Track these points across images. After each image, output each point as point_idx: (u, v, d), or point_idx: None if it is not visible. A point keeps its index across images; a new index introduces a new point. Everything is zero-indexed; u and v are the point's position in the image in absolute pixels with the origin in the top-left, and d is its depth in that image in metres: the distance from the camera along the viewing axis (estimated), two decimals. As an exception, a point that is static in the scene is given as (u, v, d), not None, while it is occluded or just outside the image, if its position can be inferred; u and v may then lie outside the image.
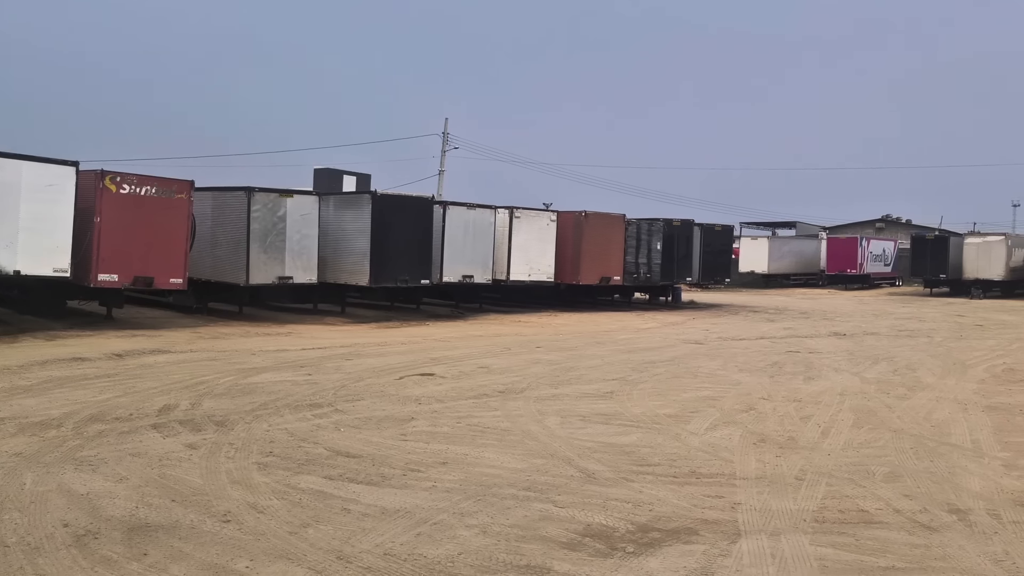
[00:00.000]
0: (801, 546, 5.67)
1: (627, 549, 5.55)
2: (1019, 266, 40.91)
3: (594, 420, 9.54)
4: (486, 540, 5.61)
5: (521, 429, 8.94)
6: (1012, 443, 8.89)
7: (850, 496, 6.86)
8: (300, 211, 20.19)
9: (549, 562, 5.27)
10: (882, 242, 53.05)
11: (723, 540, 5.76)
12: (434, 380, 12.04)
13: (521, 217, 25.05)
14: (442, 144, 42.57)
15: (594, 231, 26.64)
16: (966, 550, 5.68)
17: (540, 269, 25.57)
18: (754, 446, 8.50)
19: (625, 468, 7.55)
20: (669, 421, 9.57)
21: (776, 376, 13.24)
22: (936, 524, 6.22)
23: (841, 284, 48.03)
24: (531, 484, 6.94)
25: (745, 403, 10.83)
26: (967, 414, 10.40)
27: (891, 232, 62.78)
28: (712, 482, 7.21)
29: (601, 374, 13.06)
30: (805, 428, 9.41)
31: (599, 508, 6.37)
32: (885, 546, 5.72)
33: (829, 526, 6.13)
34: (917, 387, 12.45)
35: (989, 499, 6.88)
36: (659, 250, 28.54)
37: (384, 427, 8.85)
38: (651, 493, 6.81)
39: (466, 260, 23.38)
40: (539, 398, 10.79)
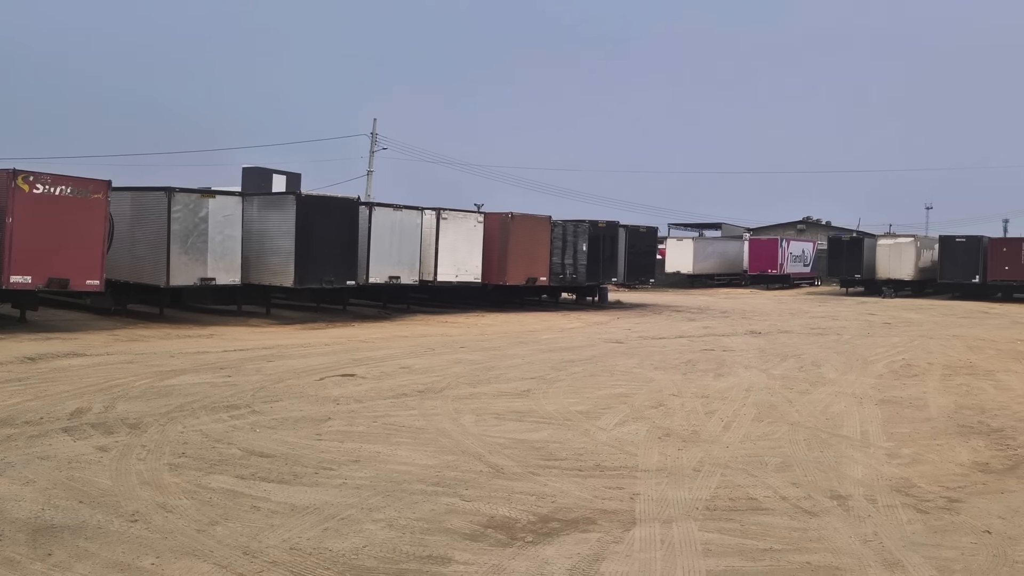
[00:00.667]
0: (690, 532, 6.04)
1: (527, 539, 5.83)
2: (928, 267, 42.79)
3: (508, 418, 9.82)
4: (391, 533, 5.83)
5: (436, 427, 9.16)
6: (897, 434, 9.49)
7: (742, 485, 7.28)
8: (223, 212, 19.99)
9: (451, 552, 5.52)
10: (802, 243, 54.83)
11: (618, 528, 6.09)
12: (354, 381, 12.16)
13: (448, 218, 25.24)
14: (371, 144, 42.43)
15: (521, 232, 26.99)
16: (840, 532, 6.12)
17: (467, 270, 25.79)
18: (659, 440, 8.90)
19: (533, 463, 7.84)
20: (580, 418, 9.92)
21: (689, 374, 13.74)
22: (817, 509, 6.67)
23: (763, 284, 49.49)
24: (440, 479, 7.17)
25: (656, 400, 11.26)
26: (861, 407, 11.02)
27: (811, 233, 64.92)
28: (615, 475, 7.55)
29: (520, 373, 13.36)
30: (709, 423, 9.86)
31: (504, 501, 6.64)
32: (767, 530, 6.14)
33: (719, 513, 6.53)
34: (819, 382, 13.10)
35: (869, 486, 7.39)
36: (585, 251, 29.06)
37: (300, 427, 8.96)
38: (555, 486, 7.12)
39: (393, 261, 23.45)
40: (457, 397, 11.03)
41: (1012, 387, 13.10)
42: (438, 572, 5.18)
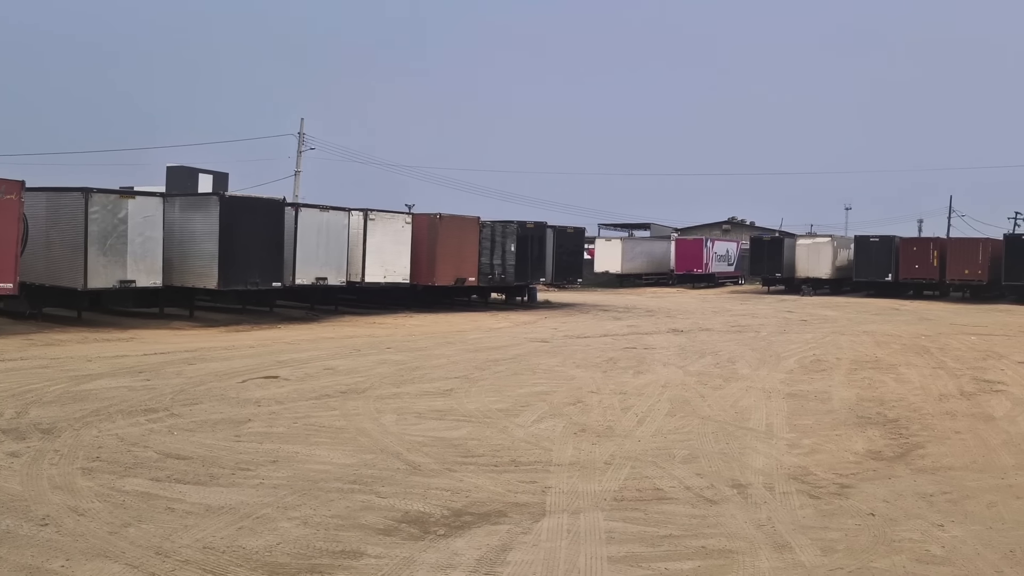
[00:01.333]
0: (596, 522, 6.32)
1: (439, 532, 6.02)
2: (844, 265, 44.40)
3: (429, 416, 10.00)
4: (306, 530, 5.95)
5: (356, 427, 9.28)
6: (800, 425, 9.99)
7: (649, 477, 7.61)
8: (143, 213, 19.62)
9: (364, 547, 5.68)
10: (726, 243, 56.25)
11: (528, 520, 6.34)
12: (277, 383, 12.16)
13: (376, 219, 25.23)
14: (298, 144, 41.98)
15: (449, 233, 27.14)
16: (737, 518, 6.49)
17: (396, 271, 25.81)
18: (574, 436, 9.19)
19: (451, 460, 8.04)
20: (500, 415, 10.15)
21: (609, 371, 14.12)
22: (718, 498, 7.04)
23: (689, 283, 50.63)
24: (357, 477, 7.32)
25: (575, 397, 11.57)
26: (769, 401, 11.53)
27: (737, 233, 66.61)
28: (529, 469, 7.80)
29: (445, 373, 13.54)
30: (624, 418, 10.21)
31: (419, 497, 6.83)
32: (669, 518, 6.46)
33: (626, 503, 6.83)
34: (733, 378, 13.61)
35: (768, 474, 7.80)
36: (513, 251, 29.36)
37: (219, 429, 8.98)
38: (471, 481, 7.33)
39: (320, 262, 23.34)
40: (379, 397, 11.15)
41: (911, 380, 13.83)
42: (350, 566, 5.34)
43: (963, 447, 9.10)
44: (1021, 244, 38.43)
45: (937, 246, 41.56)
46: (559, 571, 5.31)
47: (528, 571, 5.30)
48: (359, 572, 5.24)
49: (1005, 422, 10.49)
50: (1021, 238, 39.66)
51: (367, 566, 5.33)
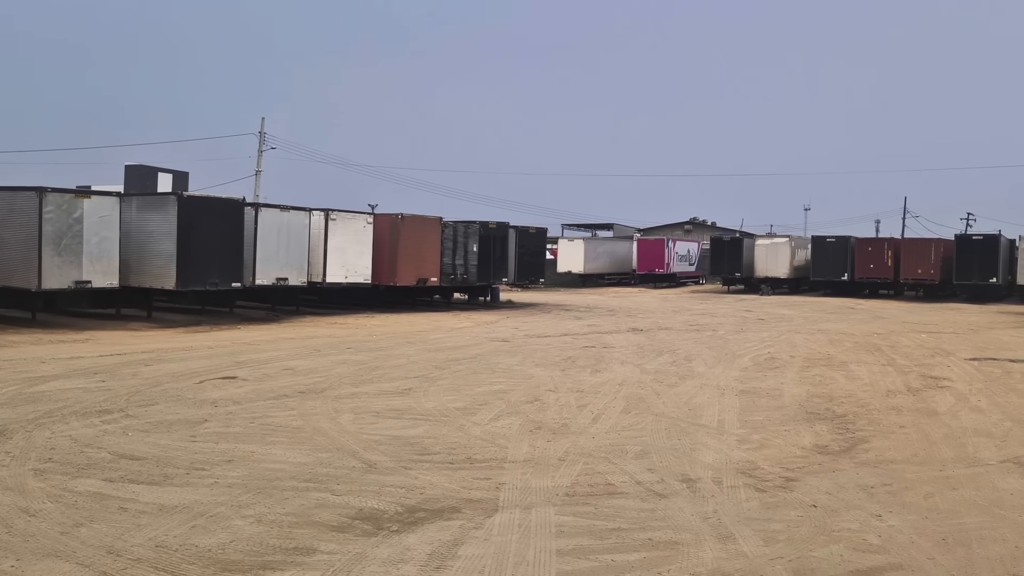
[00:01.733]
0: (547, 516, 6.45)
1: (392, 528, 6.11)
2: (802, 265, 45.19)
3: (387, 415, 10.07)
4: (259, 528, 6.01)
5: (313, 427, 9.32)
6: (750, 421, 10.22)
7: (601, 472, 7.77)
8: (99, 212, 19.39)
9: (317, 543, 5.75)
10: (687, 243, 56.89)
11: (481, 515, 6.45)
12: (235, 383, 12.14)
13: (337, 219, 25.17)
14: (259, 144, 41.65)
15: (411, 233, 27.16)
16: (684, 511, 6.66)
17: (357, 271, 25.78)
18: (530, 433, 9.32)
19: (406, 458, 8.12)
20: (457, 414, 10.25)
21: (567, 370, 14.29)
22: (667, 492, 7.21)
23: (651, 283, 51.13)
24: (313, 476, 7.37)
25: (532, 395, 11.71)
26: (722, 398, 11.77)
27: (698, 234, 67.37)
28: (484, 466, 7.92)
29: (404, 372, 13.60)
30: (580, 415, 10.37)
31: (374, 494, 6.91)
32: (619, 512, 6.62)
33: (577, 498, 6.98)
34: (688, 376, 13.85)
35: (717, 469, 8.00)
36: (475, 251, 29.46)
37: (174, 430, 8.96)
38: (426, 479, 7.42)
39: (280, 262, 23.24)
40: (338, 397, 11.19)
41: (861, 377, 14.19)
42: (302, 562, 5.41)
43: (906, 441, 9.40)
44: (971, 244, 39.44)
45: (891, 246, 42.48)
46: (508, 564, 5.43)
47: (478, 565, 5.42)
48: (311, 568, 5.31)
49: (947, 417, 10.83)
50: (971, 239, 40.68)
51: (319, 562, 5.41)
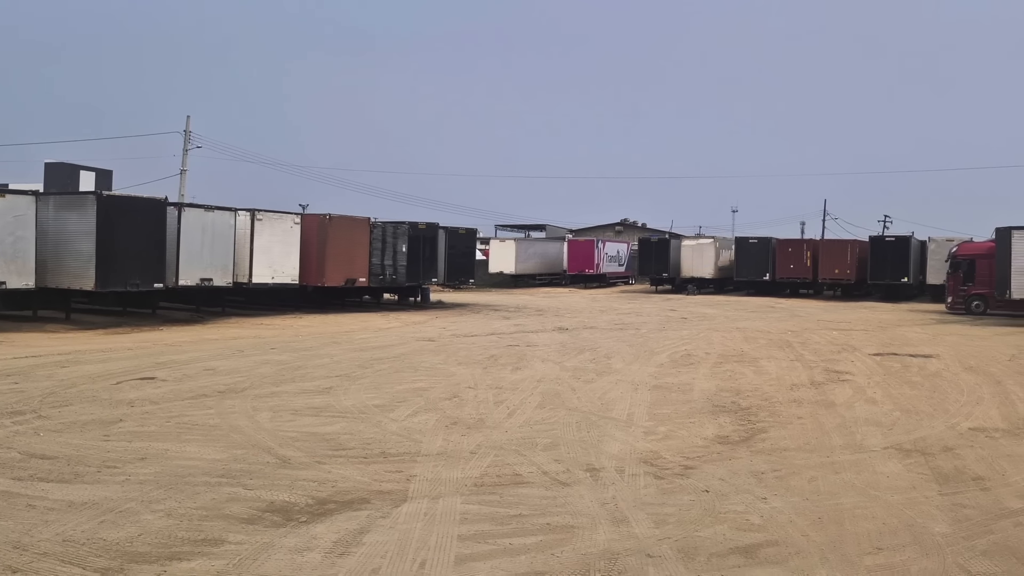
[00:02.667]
0: (453, 505, 6.73)
1: (301, 519, 6.32)
2: (727, 265, 46.41)
3: (305, 413, 10.21)
4: (169, 521, 6.14)
5: (230, 425, 9.42)
6: (658, 414, 10.68)
7: (510, 464, 8.08)
8: (13, 212, 18.95)
9: (226, 535, 5.92)
10: (617, 244, 57.83)
11: (389, 505, 6.70)
12: (153, 384, 12.10)
13: (263, 219, 25.00)
14: (184, 142, 40.92)
15: (339, 234, 27.12)
16: (584, 498, 7.02)
17: (284, 271, 25.64)
18: (445, 428, 9.59)
19: (321, 453, 8.31)
20: (376, 411, 10.46)
21: (489, 368, 14.59)
22: (571, 480, 7.56)
23: (581, 283, 51.82)
24: (226, 471, 7.51)
25: (452, 392, 11.98)
26: (635, 393, 12.22)
27: (629, 235, 68.52)
28: (397, 460, 8.16)
29: (327, 372, 13.72)
30: (496, 411, 10.67)
31: (286, 488, 7.09)
32: (522, 500, 6.94)
33: (484, 488, 7.27)
34: (606, 372, 14.30)
35: (621, 459, 8.39)
36: (405, 252, 29.55)
37: (88, 430, 8.96)
38: (339, 472, 7.63)
39: (204, 263, 22.98)
40: (257, 396, 11.27)
41: (769, 372, 14.84)
42: (209, 552, 5.58)
43: (801, 431, 9.95)
44: (884, 246, 41.12)
45: (810, 247, 43.99)
46: (410, 549, 5.70)
47: (381, 550, 5.67)
48: (218, 558, 5.48)
49: (843, 408, 11.47)
50: (884, 240, 42.40)
51: (226, 552, 5.59)
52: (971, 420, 10.67)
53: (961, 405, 11.74)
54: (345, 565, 5.39)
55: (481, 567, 5.43)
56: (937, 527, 6.42)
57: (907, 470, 8.16)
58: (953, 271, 32.52)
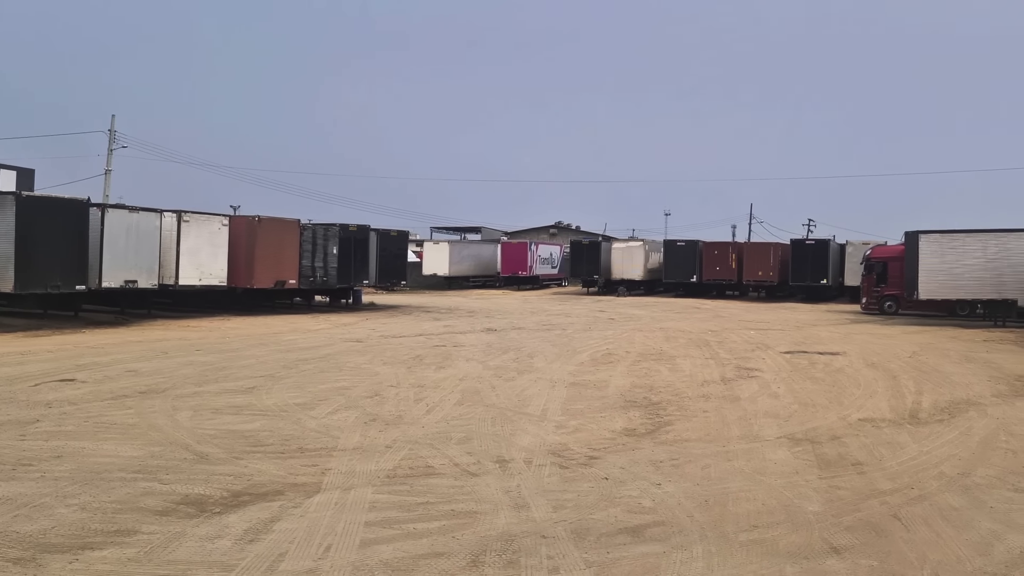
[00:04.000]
0: (364, 495, 7.05)
1: (214, 510, 6.56)
2: (656, 268, 47.48)
3: (226, 412, 10.39)
4: (83, 515, 6.33)
5: (149, 423, 9.56)
6: (572, 410, 11.15)
7: (424, 457, 8.43)
8: (-73, 212, 18.52)
9: (139, 526, 6.14)
10: (550, 246, 58.57)
11: (302, 496, 6.98)
12: (73, 385, 12.09)
13: (190, 221, 24.82)
14: (109, 142, 40.10)
15: (268, 235, 27.06)
16: (491, 487, 7.41)
17: (212, 273, 25.49)
18: (364, 424, 9.88)
19: (239, 449, 8.53)
20: (296, 409, 10.69)
21: (413, 367, 14.90)
22: (480, 471, 7.95)
23: (515, 285, 52.38)
24: (143, 468, 7.69)
25: (374, 390, 12.26)
26: (552, 390, 12.68)
27: (563, 237, 69.34)
28: (314, 455, 8.43)
29: (251, 372, 13.85)
30: (415, 408, 11.01)
31: (201, 482, 7.31)
32: (431, 490, 7.29)
33: (396, 480, 7.61)
34: (527, 371, 14.74)
35: (530, 451, 8.81)
36: (335, 254, 29.62)
37: (3, 430, 9.00)
38: (255, 467, 7.87)
39: (129, 265, 22.73)
40: (179, 396, 11.38)
41: (684, 369, 15.48)
42: (122, 542, 5.80)
43: (704, 423, 10.53)
44: (804, 249, 42.65)
45: (735, 250, 45.32)
46: (318, 535, 6.01)
47: (289, 536, 5.97)
48: (130, 547, 5.71)
49: (747, 402, 12.11)
50: (804, 243, 43.96)
51: (139, 541, 5.82)
52: (862, 412, 11.41)
53: (856, 398, 12.51)
54: (253, 550, 5.68)
55: (384, 549, 5.77)
56: (811, 507, 7.00)
57: (794, 457, 8.77)
58: (867, 273, 34.01)
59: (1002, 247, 28.18)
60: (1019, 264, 27.89)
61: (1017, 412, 11.54)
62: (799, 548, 5.99)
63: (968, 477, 8.05)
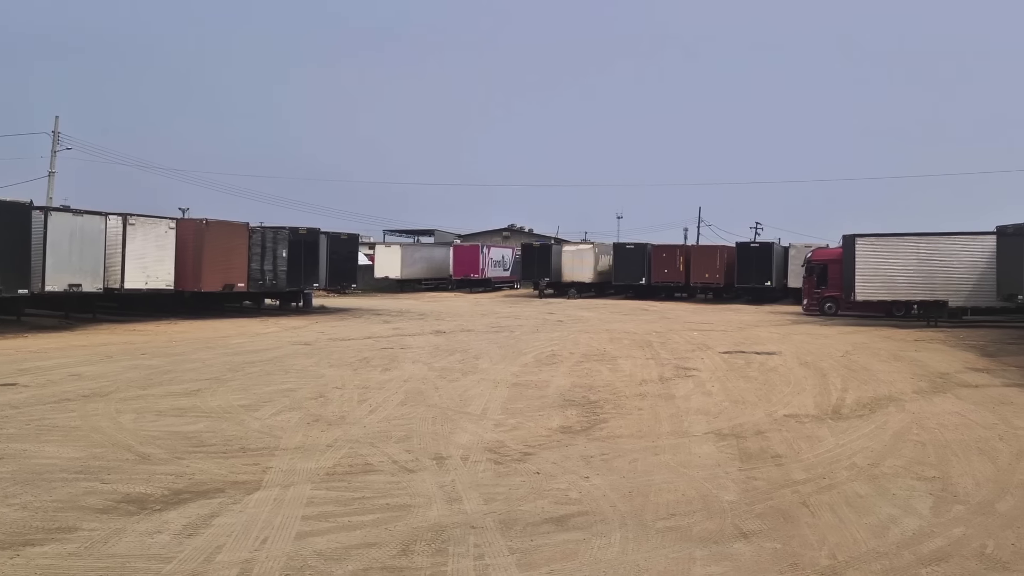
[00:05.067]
0: (303, 492, 7.31)
1: (155, 508, 6.77)
2: (606, 270, 48.13)
3: (169, 414, 10.53)
4: (24, 514, 6.49)
5: (91, 426, 9.68)
6: (511, 408, 11.51)
7: (363, 455, 8.71)
8: None
9: (80, 524, 6.32)
10: (502, 249, 58.99)
11: (242, 493, 7.22)
12: (14, 389, 12.10)
13: (136, 224, 24.64)
14: (53, 144, 39.45)
15: (217, 239, 26.98)
16: (426, 482, 7.72)
17: (159, 277, 25.33)
18: (307, 425, 10.12)
19: (182, 450, 8.71)
20: (240, 410, 10.87)
21: (359, 369, 15.13)
22: (417, 468, 8.25)
23: (467, 288, 52.65)
24: (85, 468, 7.85)
25: (319, 392, 12.48)
26: (495, 390, 13.02)
27: (516, 240, 69.85)
28: (256, 454, 8.65)
29: (197, 375, 13.95)
30: (358, 408, 11.26)
31: (143, 481, 7.50)
32: (368, 485, 7.58)
33: (335, 477, 7.88)
34: (471, 372, 15.06)
35: (468, 448, 9.14)
36: (285, 257, 29.60)
37: (-57, 434, 9.06)
38: (197, 467, 8.08)
39: (73, 268, 22.51)
40: (123, 399, 11.48)
41: (624, 369, 15.95)
42: (63, 538, 5.99)
43: (638, 420, 10.96)
44: (749, 251, 43.66)
45: (683, 253, 46.16)
46: (255, 528, 6.27)
47: (227, 531, 6.21)
48: (71, 542, 5.91)
49: (681, 400, 12.59)
50: (749, 246, 44.98)
51: (79, 537, 6.01)
52: (788, 408, 11.96)
53: (784, 395, 13.07)
54: (191, 544, 5.92)
55: (318, 541, 6.05)
56: (727, 496, 7.44)
57: (718, 451, 9.23)
58: (808, 275, 35.01)
59: (933, 250, 29.28)
60: (949, 266, 29.01)
61: (932, 407, 12.20)
62: (711, 534, 6.42)
63: (877, 467, 8.59)
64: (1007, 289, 26.16)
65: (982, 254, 28.30)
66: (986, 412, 11.77)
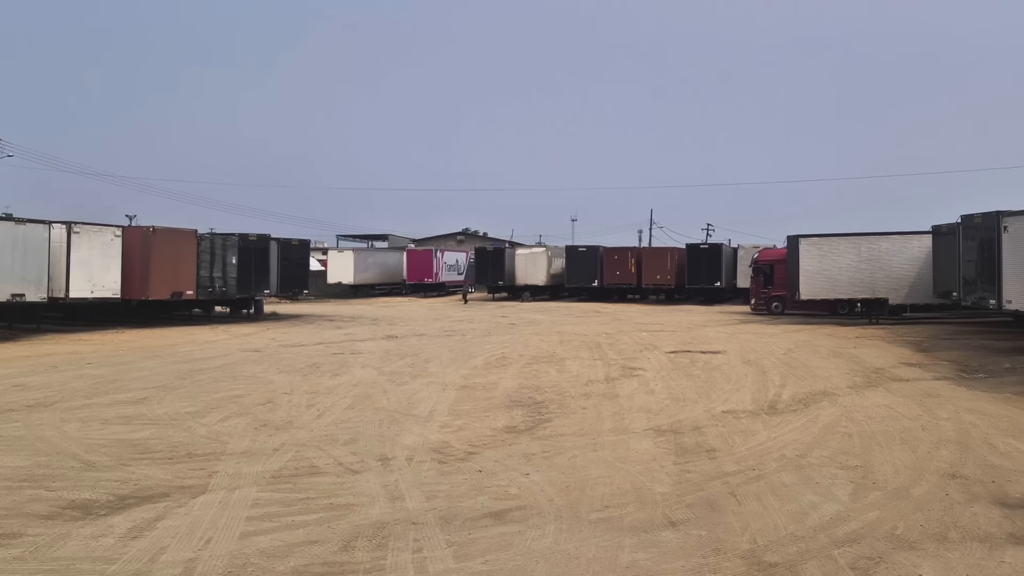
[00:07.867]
0: (248, 494, 7.46)
1: (100, 513, 6.88)
2: (559, 273, 48.61)
3: (115, 422, 10.56)
4: (-33, 522, 6.55)
5: (36, 435, 9.68)
6: (458, 411, 11.74)
7: (309, 458, 8.87)
8: None
9: (25, 530, 6.41)
10: (456, 253, 59.17)
11: (187, 497, 7.35)
12: (-44, 400, 11.99)
13: (81, 232, 24.36)
14: (-6, 151, 38.63)
15: (164, 246, 26.75)
16: (370, 482, 7.92)
17: (105, 285, 25.06)
18: (254, 430, 10.23)
19: (127, 457, 8.79)
20: (188, 417, 10.94)
21: (309, 375, 15.22)
22: (362, 469, 8.45)
23: (421, 292, 52.77)
24: (29, 476, 7.89)
25: (267, 397, 12.58)
26: (443, 393, 13.24)
27: (470, 244, 70.07)
28: (202, 459, 8.76)
29: (144, 383, 13.93)
30: (306, 413, 11.40)
31: (88, 488, 7.58)
32: (313, 487, 7.76)
33: (281, 479, 8.03)
34: (421, 375, 15.26)
35: (413, 450, 9.35)
36: (235, 264, 29.43)
37: None
38: (143, 472, 8.17)
39: (15, 278, 22.20)
40: (68, 408, 11.46)
41: (571, 370, 16.27)
42: (8, 543, 6.08)
43: (581, 419, 11.27)
44: (699, 253, 44.46)
45: (634, 255, 46.82)
46: (199, 530, 6.41)
47: (172, 533, 6.36)
48: (16, 547, 6.00)
49: (625, 399, 12.94)
50: (699, 247, 45.79)
51: (24, 542, 6.11)
52: (727, 404, 12.37)
53: (724, 392, 13.50)
54: (136, 545, 6.05)
55: (262, 540, 6.23)
56: (660, 488, 7.77)
57: (656, 446, 9.57)
58: (755, 275, 35.81)
59: (873, 249, 30.21)
60: (888, 265, 29.97)
61: (863, 401, 12.72)
62: (641, 523, 6.73)
63: (804, 458, 9.00)
64: (943, 286, 27.12)
65: (919, 253, 29.30)
66: (913, 404, 12.32)
